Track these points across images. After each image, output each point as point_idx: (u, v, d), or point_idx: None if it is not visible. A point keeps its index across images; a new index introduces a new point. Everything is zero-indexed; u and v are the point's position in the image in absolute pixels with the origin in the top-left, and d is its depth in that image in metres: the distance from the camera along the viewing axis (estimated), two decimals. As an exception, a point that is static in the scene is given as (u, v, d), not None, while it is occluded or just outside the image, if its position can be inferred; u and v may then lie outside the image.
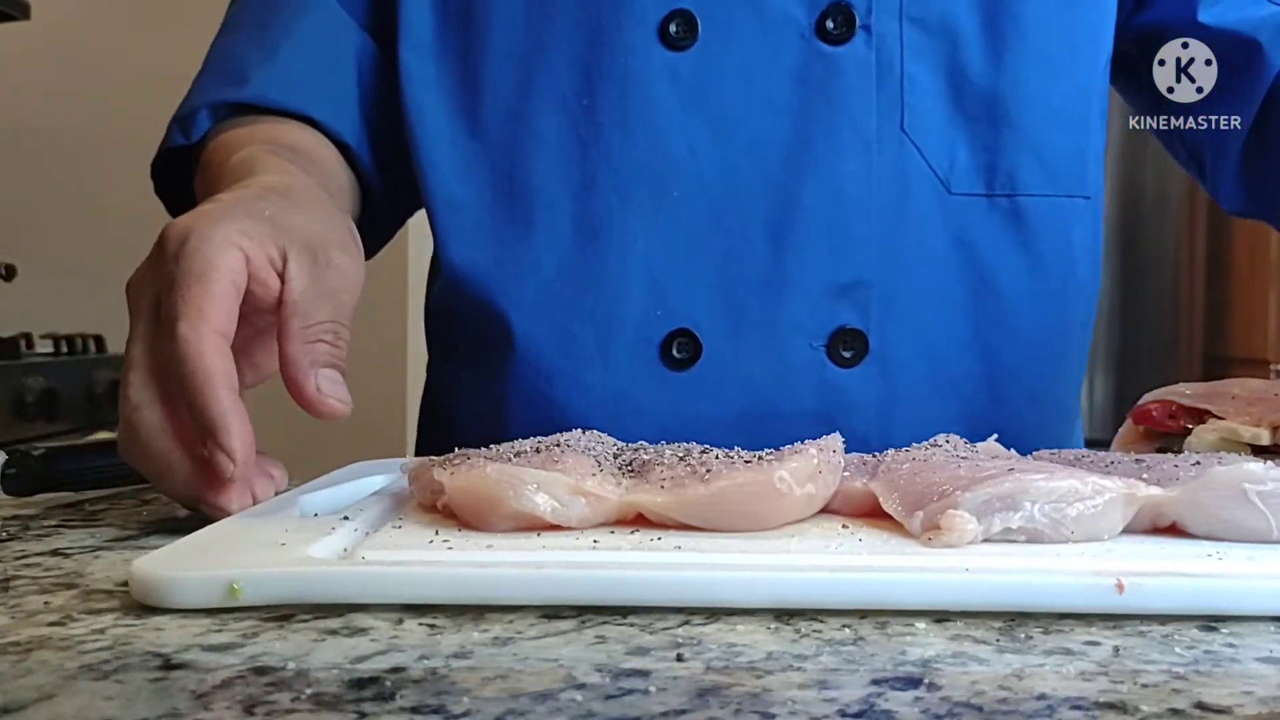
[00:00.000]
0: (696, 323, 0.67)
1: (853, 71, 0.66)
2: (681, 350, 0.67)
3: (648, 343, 0.67)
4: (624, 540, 0.41)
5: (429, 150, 0.71)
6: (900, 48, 0.66)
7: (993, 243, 0.68)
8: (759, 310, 0.67)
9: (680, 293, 0.67)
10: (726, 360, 0.67)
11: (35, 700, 0.28)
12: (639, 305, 0.67)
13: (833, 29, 0.65)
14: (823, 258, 0.66)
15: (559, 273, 0.68)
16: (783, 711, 0.28)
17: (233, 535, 0.42)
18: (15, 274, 2.01)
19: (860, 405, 0.67)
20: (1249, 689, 0.30)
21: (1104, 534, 0.41)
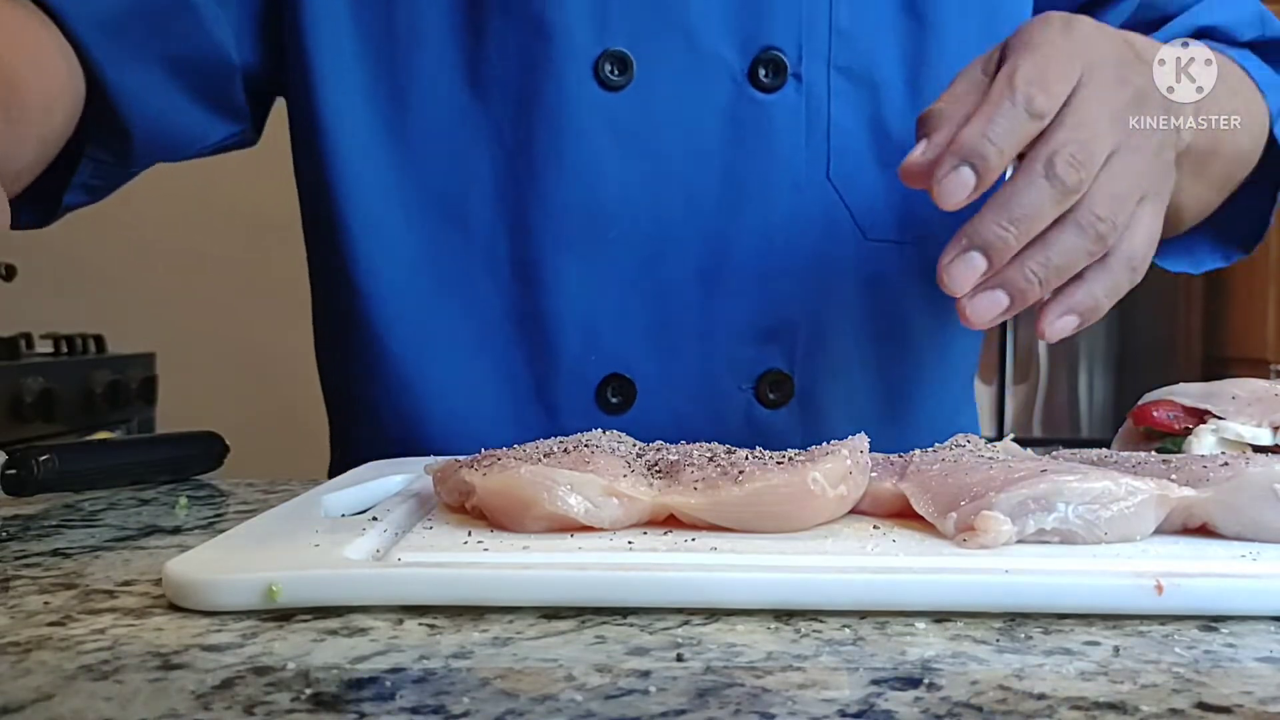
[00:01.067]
0: (630, 367, 0.67)
1: (783, 118, 0.67)
2: (616, 394, 0.68)
3: (584, 386, 0.68)
4: (659, 541, 0.41)
5: (347, 158, 0.68)
6: (828, 96, 0.67)
7: (901, 284, 0.70)
8: (691, 353, 0.68)
9: (614, 336, 0.67)
10: (660, 403, 0.67)
11: (34, 700, 0.28)
12: (574, 348, 0.68)
13: (764, 76, 0.66)
14: (752, 302, 0.68)
15: (499, 313, 0.68)
16: (782, 712, 0.28)
17: (265, 537, 0.42)
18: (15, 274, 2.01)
19: (786, 444, 0.69)
20: (1249, 689, 0.30)
21: (1136, 535, 0.42)
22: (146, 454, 0.65)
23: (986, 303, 0.49)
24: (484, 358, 0.68)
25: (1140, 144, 0.51)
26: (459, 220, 0.68)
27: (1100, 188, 0.49)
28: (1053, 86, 0.48)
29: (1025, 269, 0.49)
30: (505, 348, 0.68)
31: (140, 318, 2.87)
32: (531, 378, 0.68)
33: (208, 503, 0.58)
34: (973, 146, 0.47)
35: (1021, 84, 0.47)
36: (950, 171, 0.47)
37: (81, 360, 1.88)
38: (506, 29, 0.67)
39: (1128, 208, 0.50)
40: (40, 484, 0.57)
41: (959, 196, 0.48)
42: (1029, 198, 0.48)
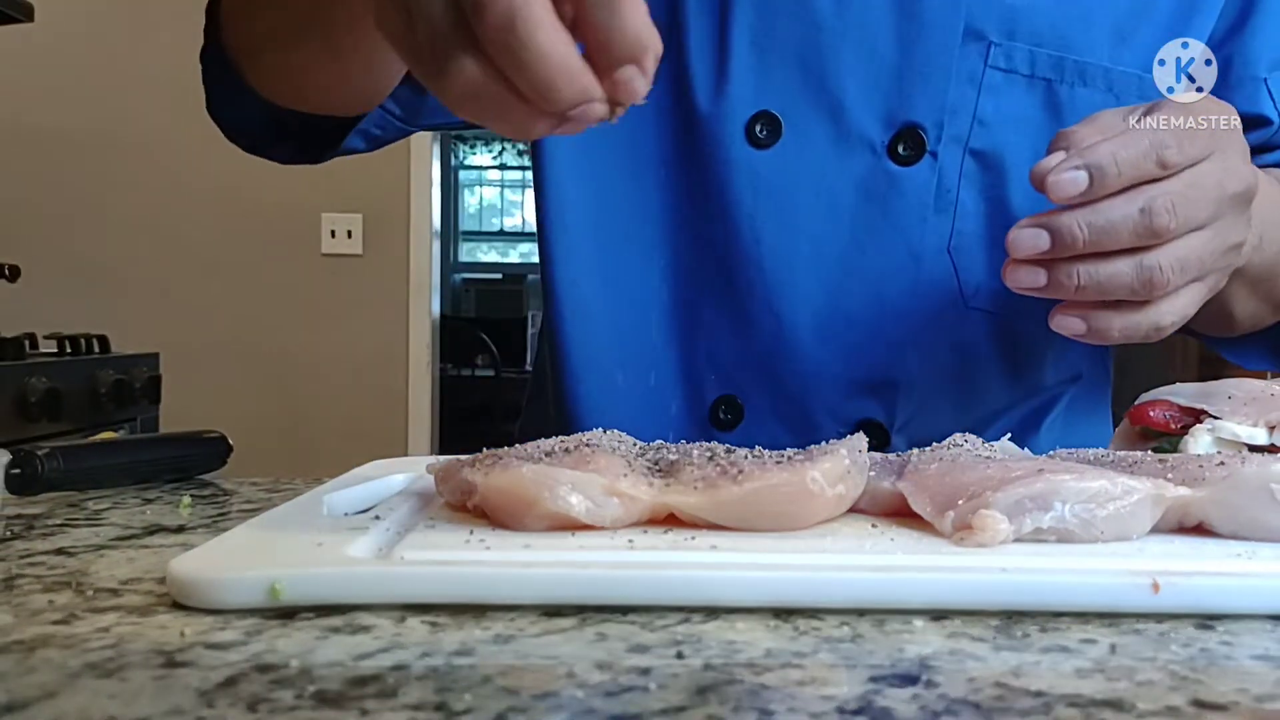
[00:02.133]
0: (741, 390, 0.74)
1: (913, 192, 0.70)
2: (726, 413, 0.74)
3: (701, 401, 0.75)
4: (659, 540, 0.41)
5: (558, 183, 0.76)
6: (959, 175, 0.70)
7: (988, 350, 0.74)
8: (797, 391, 0.73)
9: (732, 362, 0.74)
10: (763, 428, 0.73)
11: (39, 698, 0.29)
12: (699, 367, 0.75)
13: (902, 150, 0.70)
14: (860, 356, 0.72)
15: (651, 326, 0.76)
16: (781, 709, 0.28)
17: (267, 535, 0.43)
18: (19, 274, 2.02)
19: None
20: (1244, 686, 0.30)
21: (1133, 534, 0.42)
22: (150, 453, 0.65)
23: (1025, 273, 0.54)
24: (632, 363, 0.76)
25: (1226, 233, 0.55)
26: (633, 240, 0.75)
27: (1174, 247, 0.53)
28: (1188, 149, 0.52)
29: (1074, 268, 0.53)
30: (650, 357, 0.76)
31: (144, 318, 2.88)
32: (664, 385, 0.76)
33: (211, 502, 0.59)
34: (1099, 158, 0.51)
35: (1169, 135, 0.52)
36: (1070, 169, 0.51)
37: (86, 360, 1.89)
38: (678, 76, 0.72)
39: (1185, 277, 0.54)
40: (45, 483, 0.58)
41: (1069, 192, 0.51)
42: (1116, 216, 0.52)
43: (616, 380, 0.77)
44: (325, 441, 3.00)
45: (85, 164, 2.98)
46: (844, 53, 0.69)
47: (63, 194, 2.97)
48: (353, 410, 3.03)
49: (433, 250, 3.14)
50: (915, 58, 0.68)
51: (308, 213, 2.98)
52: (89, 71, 2.99)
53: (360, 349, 3.06)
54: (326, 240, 3.04)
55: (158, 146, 2.97)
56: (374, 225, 3.04)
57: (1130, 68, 0.70)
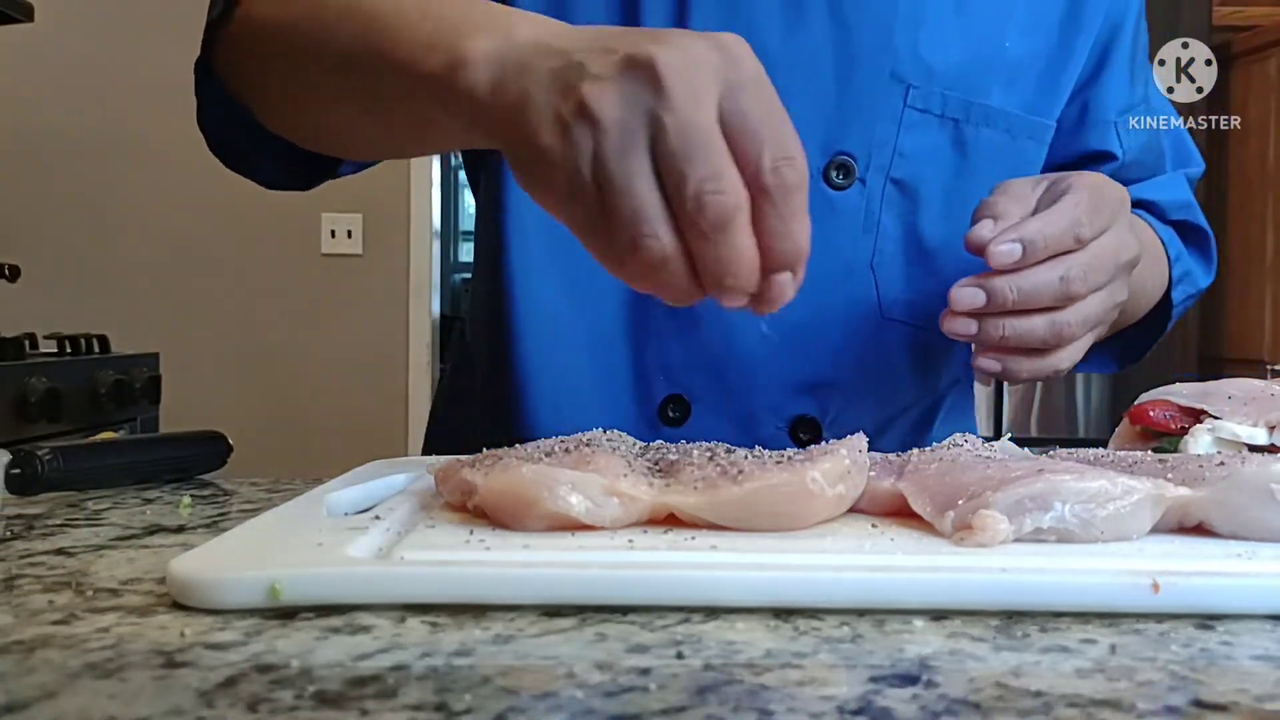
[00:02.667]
0: (689, 390, 0.78)
1: (846, 214, 0.77)
2: (675, 410, 0.79)
3: (650, 401, 0.79)
4: (659, 540, 0.42)
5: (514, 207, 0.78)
6: (880, 201, 0.78)
7: (900, 355, 0.82)
8: (739, 390, 0.78)
9: (680, 364, 0.78)
10: (709, 425, 0.78)
11: (39, 698, 0.29)
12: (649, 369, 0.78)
13: (837, 176, 0.77)
14: (800, 360, 0.78)
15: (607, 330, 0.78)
16: (781, 709, 0.28)
17: (268, 535, 0.43)
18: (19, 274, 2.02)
19: None
20: (1244, 686, 0.30)
21: (1132, 534, 0.42)
22: (150, 453, 0.65)
23: (960, 324, 0.64)
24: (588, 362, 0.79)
25: (1116, 293, 0.66)
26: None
27: (1080, 307, 0.63)
28: (1095, 224, 0.63)
29: (1000, 322, 0.63)
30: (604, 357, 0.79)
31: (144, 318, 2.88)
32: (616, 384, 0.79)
33: (211, 502, 0.59)
34: (1030, 235, 0.61)
35: (1083, 215, 0.62)
36: (1007, 242, 0.61)
37: (86, 360, 1.88)
38: None
39: (1085, 330, 0.64)
40: (45, 483, 0.58)
41: (1005, 262, 0.61)
42: (1040, 282, 0.61)
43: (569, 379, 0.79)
44: (325, 441, 3.00)
45: (86, 164, 2.98)
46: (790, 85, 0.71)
47: (63, 194, 2.97)
48: (353, 410, 3.03)
49: (433, 250, 3.14)
50: (849, 94, 0.76)
51: (308, 212, 2.98)
52: (89, 71, 2.99)
53: (360, 349, 3.06)
54: (327, 240, 3.04)
55: (158, 146, 2.97)
56: (374, 225, 3.04)
57: (1019, 110, 0.81)
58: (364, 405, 3.04)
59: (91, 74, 2.99)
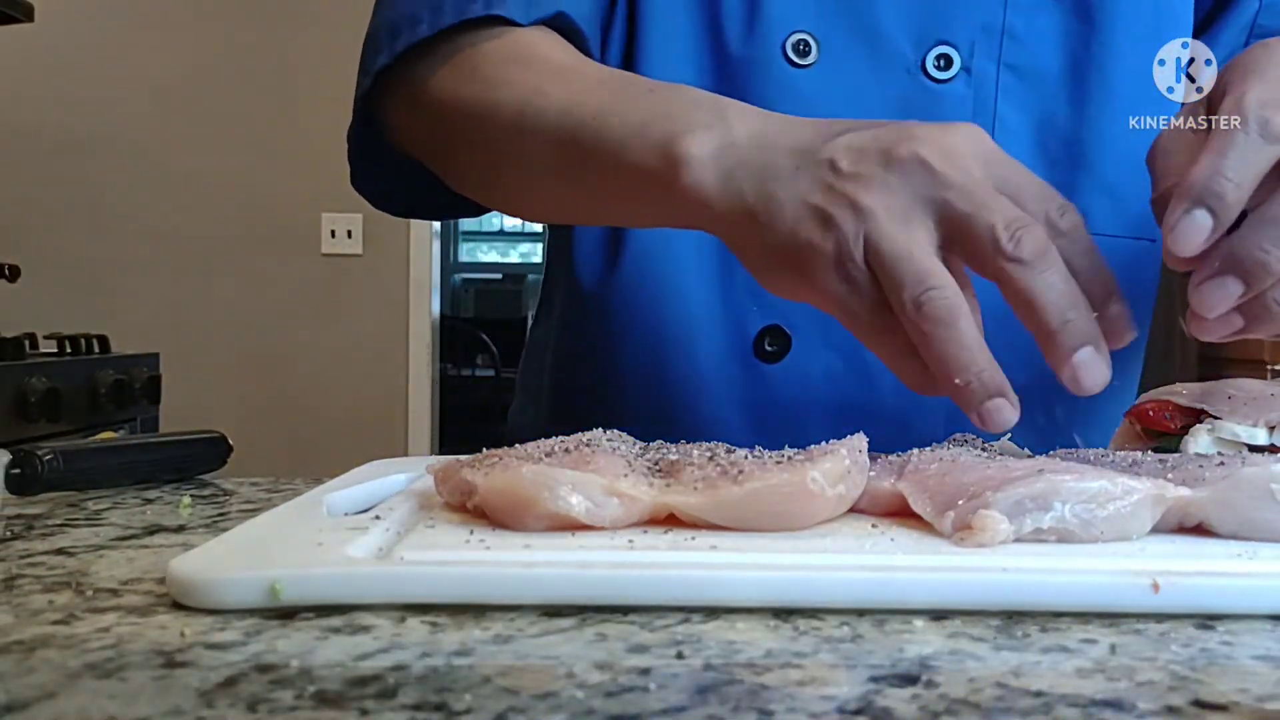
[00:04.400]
0: (787, 319, 0.72)
1: (952, 107, 0.71)
2: (772, 344, 0.73)
3: (742, 337, 0.73)
4: (659, 540, 0.42)
5: None
6: (995, 90, 0.71)
7: None
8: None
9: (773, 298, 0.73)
10: (814, 358, 0.72)
11: (38, 699, 0.29)
12: (738, 300, 0.73)
13: (936, 68, 0.71)
14: None
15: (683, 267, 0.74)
16: (781, 709, 0.28)
17: (268, 535, 0.43)
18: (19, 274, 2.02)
19: (934, 409, 0.72)
20: (1245, 686, 0.30)
21: (1133, 534, 0.42)
22: (150, 454, 0.65)
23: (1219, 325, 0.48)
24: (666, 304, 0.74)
25: None
26: None
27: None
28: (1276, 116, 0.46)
29: (1271, 297, 0.47)
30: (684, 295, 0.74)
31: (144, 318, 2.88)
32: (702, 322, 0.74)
33: (211, 502, 0.59)
34: (1205, 186, 0.45)
35: (1254, 108, 0.45)
36: (1183, 217, 0.45)
37: (86, 360, 1.89)
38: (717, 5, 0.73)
39: None
40: (44, 483, 0.58)
41: (1196, 242, 0.45)
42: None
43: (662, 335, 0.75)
44: (325, 441, 3.00)
45: (85, 164, 2.98)
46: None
47: (63, 194, 2.97)
48: (353, 410, 3.03)
49: (432, 250, 3.14)
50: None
51: (308, 213, 2.98)
52: (89, 72, 3.00)
53: (360, 349, 3.06)
54: (326, 240, 3.04)
55: (158, 146, 2.98)
56: (374, 225, 3.04)
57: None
58: (364, 405, 3.04)
59: (91, 74, 2.99)
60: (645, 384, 0.76)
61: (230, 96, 2.97)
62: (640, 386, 0.76)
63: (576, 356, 0.81)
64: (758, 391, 0.73)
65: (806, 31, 0.72)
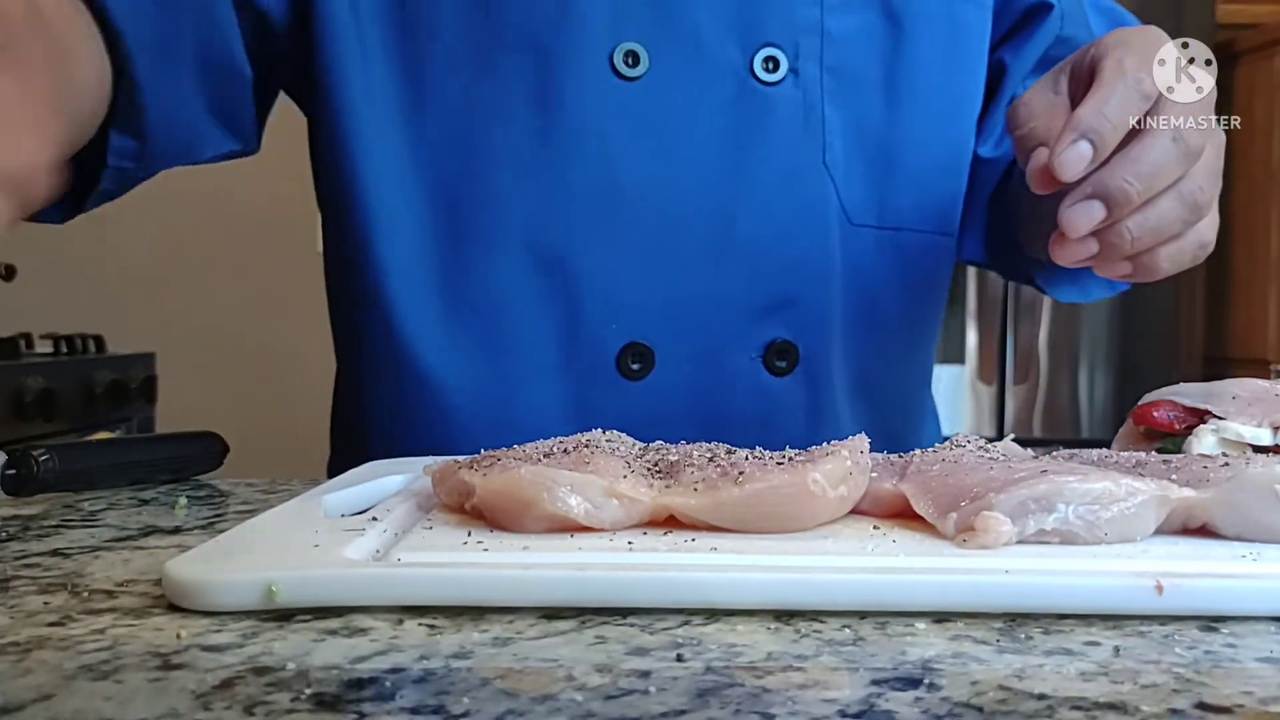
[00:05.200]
0: (648, 336, 0.71)
1: (783, 109, 0.72)
2: (635, 361, 0.71)
3: (605, 355, 0.71)
4: (659, 542, 0.41)
5: (365, 151, 0.70)
6: (821, 93, 0.73)
7: (877, 269, 0.76)
8: (704, 324, 0.72)
9: (632, 307, 0.71)
10: (676, 371, 0.71)
11: (34, 700, 0.28)
12: (595, 320, 0.71)
13: (764, 70, 0.71)
14: (757, 276, 0.72)
15: (520, 291, 0.71)
16: (783, 712, 0.28)
17: (264, 537, 0.42)
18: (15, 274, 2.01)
19: (792, 410, 0.74)
20: (1249, 689, 0.30)
21: (1137, 535, 0.42)
22: (146, 454, 0.65)
23: (1076, 249, 0.54)
24: (504, 335, 0.71)
25: (1219, 142, 0.56)
26: (478, 203, 0.71)
27: (1202, 163, 0.54)
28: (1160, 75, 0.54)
29: (1123, 226, 0.53)
30: (526, 323, 0.71)
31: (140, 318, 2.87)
32: (552, 350, 0.71)
33: (207, 503, 0.58)
34: (1090, 123, 0.52)
35: (1131, 69, 0.53)
36: (1070, 145, 0.52)
37: (81, 360, 1.88)
38: (522, 21, 0.70)
39: (1217, 188, 0.55)
40: (40, 484, 0.57)
41: (1077, 168, 0.52)
42: (1157, 156, 0.52)
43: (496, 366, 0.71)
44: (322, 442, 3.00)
45: (82, 163, 2.98)
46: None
47: (59, 193, 2.97)
48: (350, 410, 3.03)
49: (430, 250, 3.13)
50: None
51: (304, 211, 2.97)
52: (86, 71, 2.99)
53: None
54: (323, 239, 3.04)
55: (155, 146, 2.97)
56: (371, 225, 3.04)
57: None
58: (361, 405, 3.03)
59: (88, 73, 2.99)
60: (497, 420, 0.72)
61: (227, 96, 2.97)
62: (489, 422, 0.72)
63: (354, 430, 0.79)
64: (623, 412, 0.70)
65: (634, 41, 0.70)
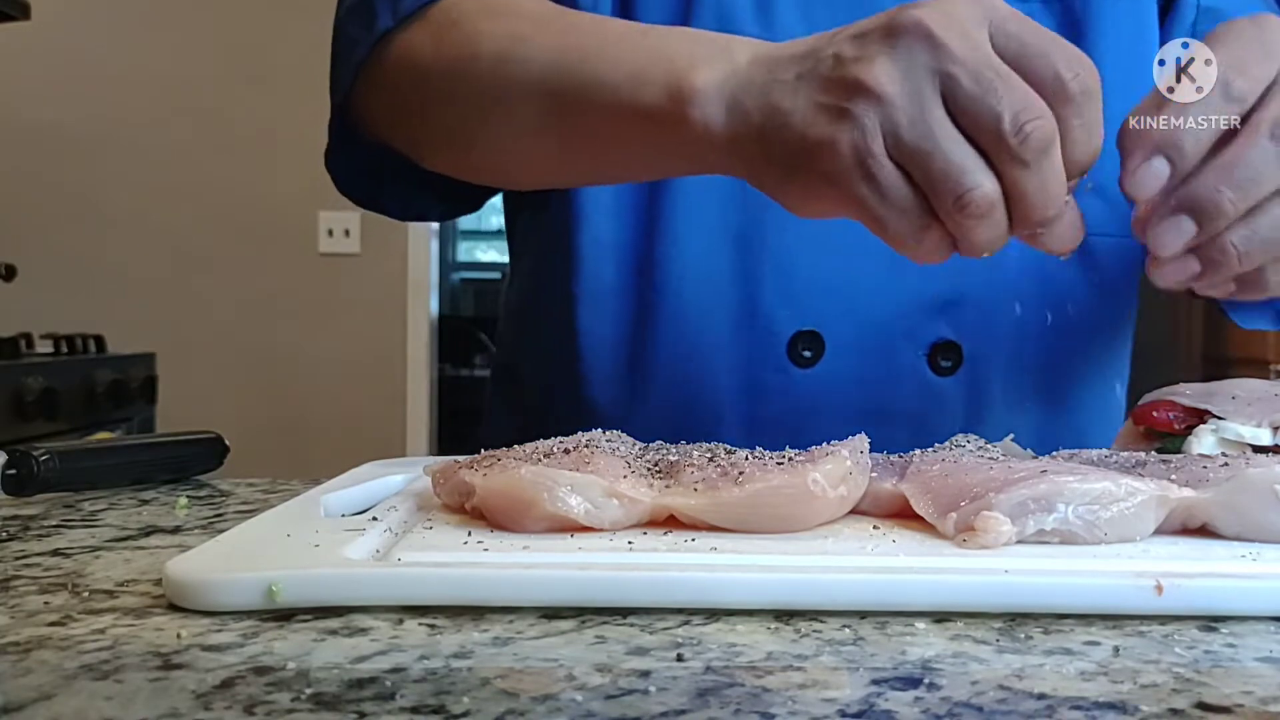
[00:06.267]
0: (821, 324, 0.71)
1: None
2: (807, 349, 0.71)
3: (777, 340, 0.71)
4: (659, 542, 0.41)
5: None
6: None
7: (1060, 275, 0.73)
8: (874, 317, 0.71)
9: (808, 296, 0.71)
10: (845, 361, 0.71)
11: (34, 700, 0.28)
12: (770, 306, 0.71)
13: None
14: (929, 273, 0.70)
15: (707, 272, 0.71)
16: (783, 711, 0.28)
17: (264, 537, 0.42)
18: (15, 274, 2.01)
19: (951, 411, 0.72)
20: (1249, 689, 0.30)
21: (1136, 535, 0.42)
22: (147, 454, 0.65)
23: (1174, 269, 0.49)
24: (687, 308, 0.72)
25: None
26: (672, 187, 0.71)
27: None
28: (1251, 70, 0.48)
29: (1226, 240, 0.48)
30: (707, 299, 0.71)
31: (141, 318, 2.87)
32: (728, 329, 0.71)
33: (208, 503, 0.58)
34: (1166, 135, 0.47)
35: (1220, 71, 0.48)
36: (1142, 164, 0.48)
37: (82, 360, 1.88)
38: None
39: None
40: (40, 484, 0.57)
41: (1153, 186, 0.48)
42: (1254, 160, 0.47)
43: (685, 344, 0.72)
44: (323, 442, 3.00)
45: (82, 163, 2.98)
46: None
47: (59, 193, 2.97)
48: (350, 410, 3.03)
49: (431, 249, 3.13)
50: None
51: (305, 211, 2.98)
52: (85, 70, 2.99)
53: (358, 349, 3.05)
54: (324, 239, 3.04)
55: (155, 145, 2.97)
56: (372, 224, 3.03)
57: None
58: (362, 405, 3.03)
59: (88, 72, 2.99)
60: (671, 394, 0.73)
61: (226, 95, 2.97)
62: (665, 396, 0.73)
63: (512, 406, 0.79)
64: (789, 398, 0.71)
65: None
